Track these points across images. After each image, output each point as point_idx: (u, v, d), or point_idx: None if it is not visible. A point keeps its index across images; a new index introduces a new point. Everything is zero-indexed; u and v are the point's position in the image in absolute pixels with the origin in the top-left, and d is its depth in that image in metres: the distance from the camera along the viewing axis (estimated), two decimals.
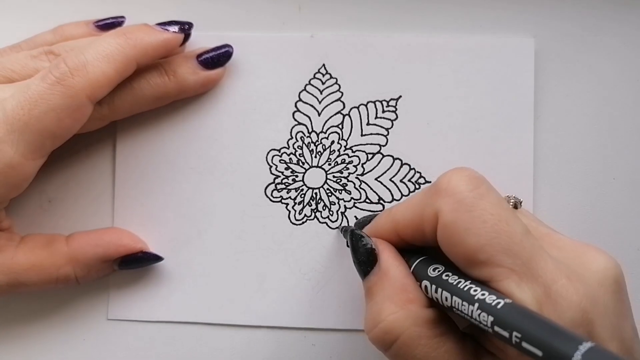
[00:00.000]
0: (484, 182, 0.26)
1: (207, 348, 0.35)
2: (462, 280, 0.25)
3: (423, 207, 0.27)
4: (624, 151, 0.35)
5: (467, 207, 0.25)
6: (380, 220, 0.30)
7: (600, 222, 0.35)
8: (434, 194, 0.27)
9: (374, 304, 0.27)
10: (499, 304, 0.23)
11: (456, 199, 0.26)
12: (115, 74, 0.31)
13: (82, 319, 0.36)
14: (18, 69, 0.32)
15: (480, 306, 0.24)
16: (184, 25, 0.34)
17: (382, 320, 0.27)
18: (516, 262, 0.24)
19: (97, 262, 0.33)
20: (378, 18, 0.36)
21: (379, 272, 0.28)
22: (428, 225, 0.27)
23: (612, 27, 0.35)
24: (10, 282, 0.32)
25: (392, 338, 0.26)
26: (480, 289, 0.24)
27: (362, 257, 0.29)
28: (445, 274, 0.26)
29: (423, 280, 0.27)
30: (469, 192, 0.26)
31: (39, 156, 0.30)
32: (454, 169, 0.27)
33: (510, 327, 0.22)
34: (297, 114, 0.36)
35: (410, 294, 0.27)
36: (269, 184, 0.35)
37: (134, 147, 0.36)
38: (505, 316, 0.23)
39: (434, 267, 0.27)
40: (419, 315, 0.26)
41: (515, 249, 0.25)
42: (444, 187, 0.26)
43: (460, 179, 0.26)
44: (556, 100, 0.35)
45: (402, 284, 0.27)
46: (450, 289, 0.26)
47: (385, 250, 0.29)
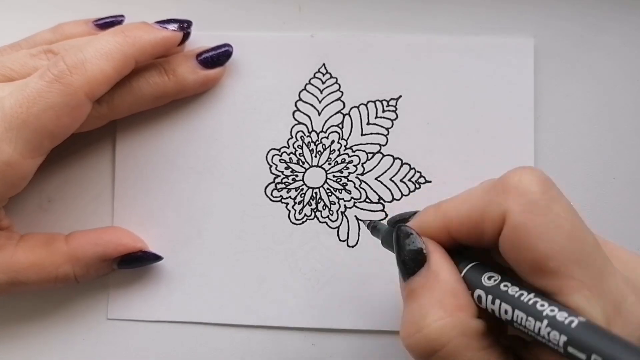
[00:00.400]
0: (554, 185, 0.25)
1: (207, 348, 0.35)
2: (524, 293, 0.23)
3: (486, 205, 0.25)
4: (624, 151, 0.35)
5: (542, 209, 0.23)
6: (427, 216, 0.28)
7: (600, 222, 0.35)
8: (501, 192, 0.24)
9: (419, 307, 0.25)
10: (573, 322, 0.21)
11: (529, 199, 0.24)
12: (114, 72, 0.31)
13: (82, 319, 0.35)
14: (17, 68, 0.32)
15: (551, 323, 0.22)
16: (183, 23, 0.34)
17: (427, 326, 0.24)
18: (588, 274, 0.23)
19: (96, 261, 0.33)
20: (378, 18, 0.36)
21: (427, 273, 0.26)
22: (490, 224, 0.25)
23: (612, 27, 0.35)
24: (10, 281, 0.32)
25: (436, 346, 0.24)
26: (547, 303, 0.22)
27: (408, 257, 0.26)
28: (503, 284, 0.24)
29: (476, 289, 0.25)
30: (543, 194, 0.24)
31: (38, 155, 0.30)
32: (523, 168, 0.25)
33: (588, 349, 0.20)
34: (297, 114, 0.36)
35: (461, 300, 0.25)
36: (269, 183, 0.35)
37: (134, 146, 0.36)
38: (581, 336, 0.21)
39: (489, 276, 0.25)
40: (469, 325, 0.24)
41: (588, 260, 0.23)
42: (514, 185, 0.24)
43: (532, 179, 0.24)
44: (556, 100, 0.35)
45: (452, 289, 0.25)
46: (512, 302, 0.23)
47: (436, 250, 0.26)
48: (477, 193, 0.26)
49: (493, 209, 0.24)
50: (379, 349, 0.34)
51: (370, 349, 0.34)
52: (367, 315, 0.34)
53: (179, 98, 0.35)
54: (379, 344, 0.34)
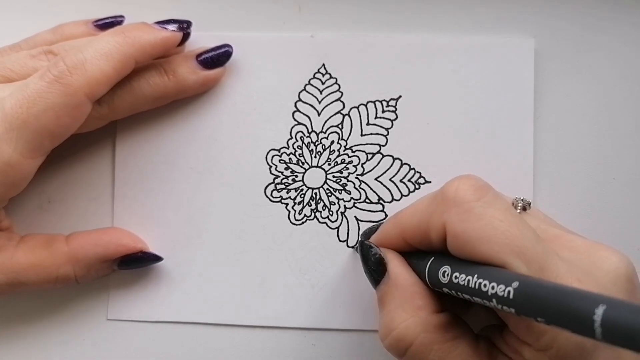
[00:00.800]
0: (489, 190, 0.26)
1: (207, 348, 0.35)
2: (469, 278, 0.25)
3: (430, 216, 0.27)
4: (624, 151, 0.35)
5: (476, 216, 0.25)
6: (387, 226, 0.31)
7: (600, 222, 0.35)
8: (441, 203, 0.27)
9: (386, 312, 0.28)
10: (510, 292, 0.23)
11: (464, 209, 0.26)
12: (114, 72, 0.31)
13: (82, 319, 0.36)
14: (17, 69, 0.32)
15: (498, 301, 0.24)
16: (183, 23, 0.34)
17: (395, 328, 0.27)
18: (530, 267, 0.24)
19: (96, 261, 0.33)
20: (378, 18, 0.36)
21: (388, 281, 0.29)
22: (435, 234, 0.27)
23: (612, 27, 0.35)
24: (10, 282, 0.32)
25: (405, 345, 0.27)
26: (488, 280, 0.24)
27: (372, 267, 0.29)
28: (454, 275, 0.26)
29: (442, 287, 0.27)
30: (477, 202, 0.26)
31: (38, 155, 0.30)
32: (460, 178, 0.27)
33: (532, 314, 0.22)
34: (297, 114, 0.36)
35: (419, 300, 0.28)
36: (269, 184, 0.35)
37: (134, 147, 0.36)
38: (522, 305, 0.23)
39: (442, 271, 0.27)
40: (429, 322, 0.27)
41: (528, 253, 0.25)
42: (451, 196, 0.26)
43: (467, 188, 0.26)
44: (556, 100, 0.35)
45: (410, 292, 0.28)
46: (466, 290, 0.25)
47: (394, 259, 0.29)
48: (424, 204, 0.28)
49: (435, 220, 0.27)
50: (379, 348, 0.34)
51: (370, 349, 0.35)
52: (366, 315, 0.34)
53: (179, 98, 0.35)
54: (378, 344, 0.34)
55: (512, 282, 0.23)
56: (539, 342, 0.25)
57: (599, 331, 0.19)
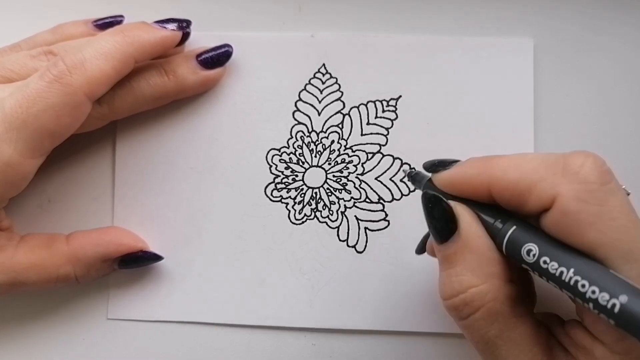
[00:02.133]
0: (614, 177, 0.24)
1: (207, 348, 0.35)
2: (563, 270, 0.23)
3: (538, 180, 0.24)
4: (624, 151, 0.35)
5: (598, 200, 0.23)
6: (471, 168, 0.27)
7: None
8: (559, 172, 0.24)
9: (455, 273, 0.26)
10: (615, 306, 0.21)
11: (587, 188, 0.24)
12: (113, 71, 0.31)
13: (82, 319, 0.36)
14: (17, 69, 0.32)
15: (596, 307, 0.22)
16: (182, 22, 0.34)
17: (463, 292, 0.26)
18: (633, 269, 0.23)
19: (97, 261, 0.33)
20: (378, 18, 0.36)
21: (459, 240, 0.26)
22: (537, 201, 0.24)
23: (611, 28, 0.35)
24: (10, 282, 0.32)
25: (471, 310, 0.26)
26: (588, 282, 0.22)
27: (438, 224, 0.27)
28: (542, 259, 0.24)
29: (522, 264, 0.25)
30: (602, 185, 0.24)
31: (38, 155, 0.30)
32: (586, 154, 0.25)
33: (635, 333, 0.21)
34: (297, 114, 0.36)
35: (493, 267, 0.26)
36: (269, 183, 0.35)
37: (134, 147, 0.36)
38: (627, 322, 0.21)
39: (527, 249, 0.24)
40: (501, 291, 0.25)
41: (636, 256, 0.23)
42: (574, 170, 0.24)
43: (594, 168, 0.24)
44: (556, 100, 0.35)
45: (485, 257, 0.26)
46: (555, 280, 0.24)
47: (466, 215, 0.26)
48: (532, 163, 0.25)
49: (544, 187, 0.24)
50: (379, 348, 0.34)
51: (370, 348, 0.35)
52: (367, 315, 0.34)
53: (179, 98, 0.35)
54: (379, 343, 0.34)
55: (620, 295, 0.21)
56: (618, 344, 0.23)
57: None
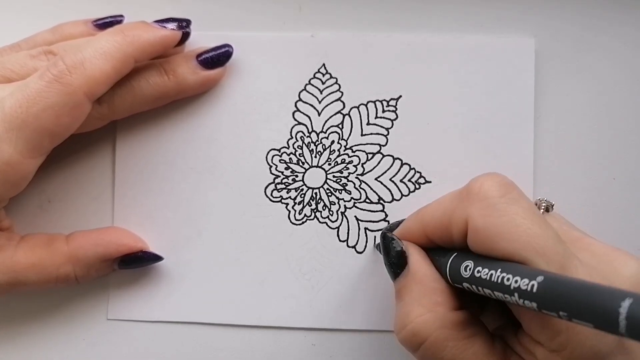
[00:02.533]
0: (515, 188, 0.26)
1: (207, 348, 0.35)
2: (492, 272, 0.25)
3: (452, 211, 0.27)
4: (624, 151, 0.35)
5: (499, 212, 0.25)
6: (409, 221, 0.31)
7: (600, 222, 0.35)
8: (465, 198, 0.27)
9: (403, 305, 0.28)
10: (534, 286, 0.23)
11: (488, 203, 0.26)
12: (113, 71, 0.31)
13: (82, 319, 0.36)
14: (17, 69, 0.32)
15: (520, 295, 0.23)
16: (182, 22, 0.34)
17: (410, 322, 0.27)
18: (550, 266, 0.24)
19: (97, 261, 0.33)
20: (378, 18, 0.36)
21: (408, 274, 0.28)
22: (456, 229, 0.27)
23: (612, 27, 0.35)
24: (10, 282, 0.32)
25: (420, 340, 0.27)
26: (511, 274, 0.24)
27: (392, 260, 0.29)
28: (476, 270, 0.26)
29: (462, 282, 0.27)
30: (501, 198, 0.26)
31: (38, 154, 0.30)
32: (486, 175, 0.27)
33: (555, 309, 0.22)
34: (297, 114, 0.36)
35: (438, 296, 0.27)
36: (269, 183, 0.35)
37: (134, 147, 0.36)
38: (546, 299, 0.22)
39: (465, 266, 0.27)
40: (447, 318, 0.27)
41: (549, 253, 0.25)
42: (475, 192, 0.26)
43: (492, 185, 0.26)
44: (556, 100, 0.35)
45: (430, 287, 0.28)
46: (488, 285, 0.25)
47: (415, 253, 0.29)
48: (447, 200, 0.28)
49: (458, 215, 0.27)
50: (379, 348, 0.34)
51: (370, 348, 0.35)
52: (367, 315, 0.34)
53: (179, 98, 0.35)
54: (379, 343, 0.34)
55: (537, 277, 0.23)
56: (552, 342, 0.25)
57: (624, 324, 0.19)
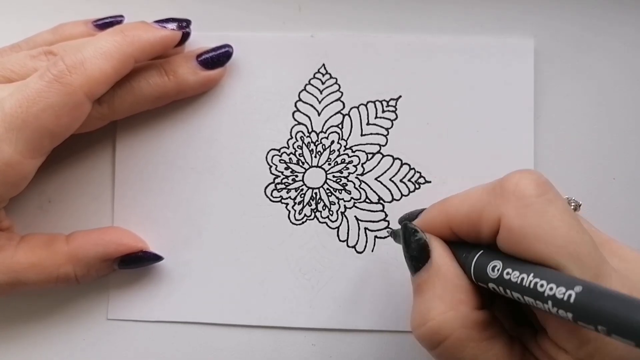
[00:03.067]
0: (552, 188, 0.25)
1: (207, 348, 0.35)
2: (524, 276, 0.24)
3: (483, 206, 0.26)
4: (624, 151, 0.35)
5: (536, 212, 0.24)
6: (431, 212, 0.29)
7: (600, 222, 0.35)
8: (499, 195, 0.25)
9: (424, 301, 0.27)
10: (571, 296, 0.22)
11: (524, 203, 0.25)
12: (113, 71, 0.31)
13: (82, 319, 0.36)
14: (17, 69, 0.32)
15: (555, 303, 0.22)
16: (182, 22, 0.34)
17: (431, 319, 0.26)
18: (585, 273, 0.23)
19: (97, 261, 0.33)
20: (378, 18, 0.36)
21: (430, 268, 0.27)
22: (487, 226, 0.26)
23: (612, 28, 0.35)
24: (10, 282, 0.32)
25: (440, 338, 0.26)
26: (546, 281, 0.23)
27: (414, 252, 0.28)
28: (505, 271, 0.25)
29: (488, 282, 0.26)
30: (538, 197, 0.25)
31: (38, 155, 0.30)
32: (521, 172, 0.26)
33: (593, 322, 0.21)
34: (297, 114, 0.36)
35: (461, 294, 0.26)
36: (269, 183, 0.35)
37: (134, 147, 0.36)
38: (583, 311, 0.21)
39: (492, 266, 0.25)
40: (469, 317, 0.26)
41: (585, 259, 0.24)
42: (510, 189, 0.25)
43: (529, 183, 0.25)
44: (556, 100, 0.35)
45: (454, 284, 0.26)
46: (517, 289, 0.24)
47: (439, 246, 0.28)
48: (477, 193, 0.27)
49: (490, 211, 0.26)
50: (379, 349, 0.34)
51: (370, 349, 0.35)
52: (367, 315, 0.34)
53: (179, 99, 0.35)
54: (379, 344, 0.34)
55: (575, 286, 0.22)
56: (580, 350, 0.24)
57: None
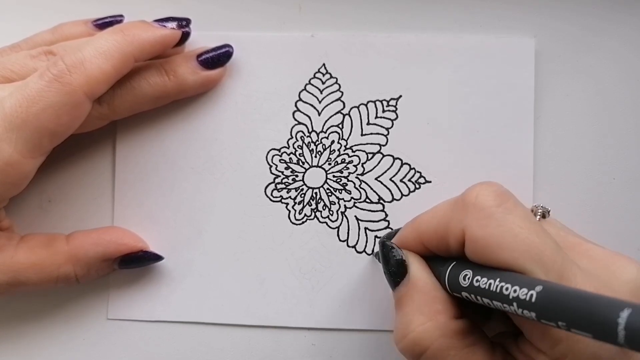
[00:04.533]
0: (510, 197, 0.26)
1: (207, 348, 0.35)
2: (491, 282, 0.25)
3: (448, 221, 0.27)
4: (624, 151, 0.35)
5: (496, 222, 0.25)
6: (405, 230, 0.30)
7: (600, 222, 0.35)
8: (461, 208, 0.27)
9: (404, 314, 0.28)
10: (532, 296, 0.23)
11: (485, 214, 0.26)
12: (113, 70, 0.31)
13: (82, 319, 0.36)
14: (17, 69, 0.32)
15: (519, 305, 0.23)
16: (182, 21, 0.34)
17: (412, 331, 0.27)
18: (549, 274, 0.24)
19: (97, 261, 0.33)
20: (378, 18, 0.36)
21: (408, 283, 0.28)
22: (453, 239, 0.27)
23: (612, 28, 0.35)
24: (10, 282, 0.32)
25: (421, 349, 0.26)
26: (510, 284, 0.24)
27: (392, 268, 0.29)
28: (475, 279, 0.26)
29: (461, 291, 0.27)
30: (497, 207, 0.26)
31: (38, 154, 0.30)
32: (481, 184, 0.27)
33: (553, 319, 0.22)
34: (297, 114, 0.36)
35: (439, 305, 0.27)
36: (269, 183, 0.35)
37: (134, 147, 0.36)
38: (544, 309, 0.22)
39: (464, 275, 0.27)
40: (448, 326, 0.27)
41: (547, 261, 0.24)
42: (471, 202, 0.26)
43: (488, 194, 0.26)
44: (556, 100, 0.35)
45: (431, 296, 0.27)
46: (486, 294, 0.25)
47: (415, 261, 0.29)
48: (443, 209, 0.28)
49: (454, 225, 0.27)
50: (379, 348, 0.34)
51: (370, 348, 0.35)
52: (367, 315, 0.34)
53: (179, 98, 0.35)
54: (379, 343, 0.34)
55: (535, 286, 0.23)
56: (553, 350, 0.24)
57: (622, 335, 0.19)
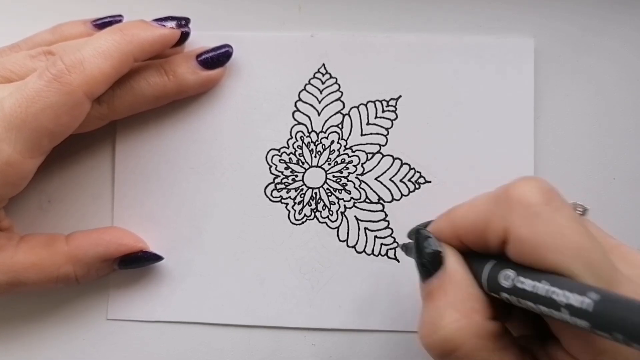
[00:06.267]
0: (557, 194, 0.24)
1: (207, 348, 0.35)
2: (536, 284, 0.23)
3: (489, 217, 0.25)
4: (624, 151, 0.35)
5: (544, 221, 0.23)
6: (439, 223, 0.28)
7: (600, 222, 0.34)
8: (504, 204, 0.25)
9: (434, 308, 0.26)
10: (588, 304, 0.21)
11: (531, 212, 0.24)
12: (112, 70, 0.31)
13: (82, 319, 0.36)
14: (17, 69, 0.32)
15: (571, 312, 0.22)
16: (181, 20, 0.34)
17: (443, 327, 0.25)
18: (598, 280, 0.23)
19: (97, 261, 0.33)
20: (378, 18, 0.36)
21: (443, 275, 0.26)
22: (494, 236, 0.25)
23: (612, 28, 0.35)
24: (10, 282, 0.32)
25: (452, 347, 0.25)
26: (560, 289, 0.22)
27: (426, 259, 0.27)
28: (519, 280, 0.24)
29: (501, 292, 0.25)
30: (545, 205, 0.24)
31: (38, 154, 0.30)
32: (525, 179, 0.25)
33: (609, 329, 0.20)
34: (297, 114, 0.36)
35: (475, 303, 0.25)
36: (269, 183, 0.35)
37: (134, 147, 0.36)
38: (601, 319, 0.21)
39: (504, 275, 0.25)
40: (483, 327, 0.25)
41: (597, 266, 0.23)
42: (516, 198, 0.24)
43: (534, 191, 0.24)
44: (556, 100, 0.35)
45: (467, 292, 0.26)
46: (531, 297, 0.23)
47: (452, 254, 0.27)
48: (482, 202, 0.26)
49: (496, 222, 0.25)
50: (379, 348, 0.34)
51: (370, 348, 0.35)
52: (366, 315, 0.34)
53: (179, 98, 0.35)
54: (379, 343, 0.34)
55: (589, 293, 0.21)
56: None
57: None
